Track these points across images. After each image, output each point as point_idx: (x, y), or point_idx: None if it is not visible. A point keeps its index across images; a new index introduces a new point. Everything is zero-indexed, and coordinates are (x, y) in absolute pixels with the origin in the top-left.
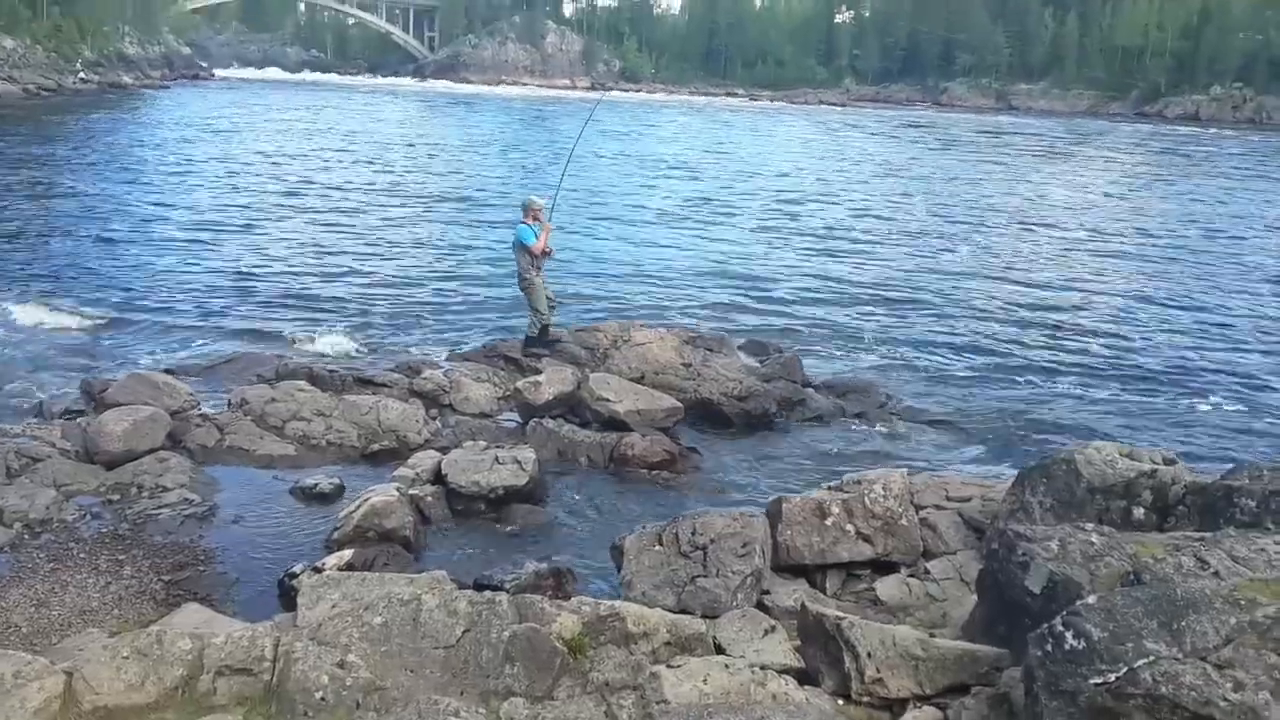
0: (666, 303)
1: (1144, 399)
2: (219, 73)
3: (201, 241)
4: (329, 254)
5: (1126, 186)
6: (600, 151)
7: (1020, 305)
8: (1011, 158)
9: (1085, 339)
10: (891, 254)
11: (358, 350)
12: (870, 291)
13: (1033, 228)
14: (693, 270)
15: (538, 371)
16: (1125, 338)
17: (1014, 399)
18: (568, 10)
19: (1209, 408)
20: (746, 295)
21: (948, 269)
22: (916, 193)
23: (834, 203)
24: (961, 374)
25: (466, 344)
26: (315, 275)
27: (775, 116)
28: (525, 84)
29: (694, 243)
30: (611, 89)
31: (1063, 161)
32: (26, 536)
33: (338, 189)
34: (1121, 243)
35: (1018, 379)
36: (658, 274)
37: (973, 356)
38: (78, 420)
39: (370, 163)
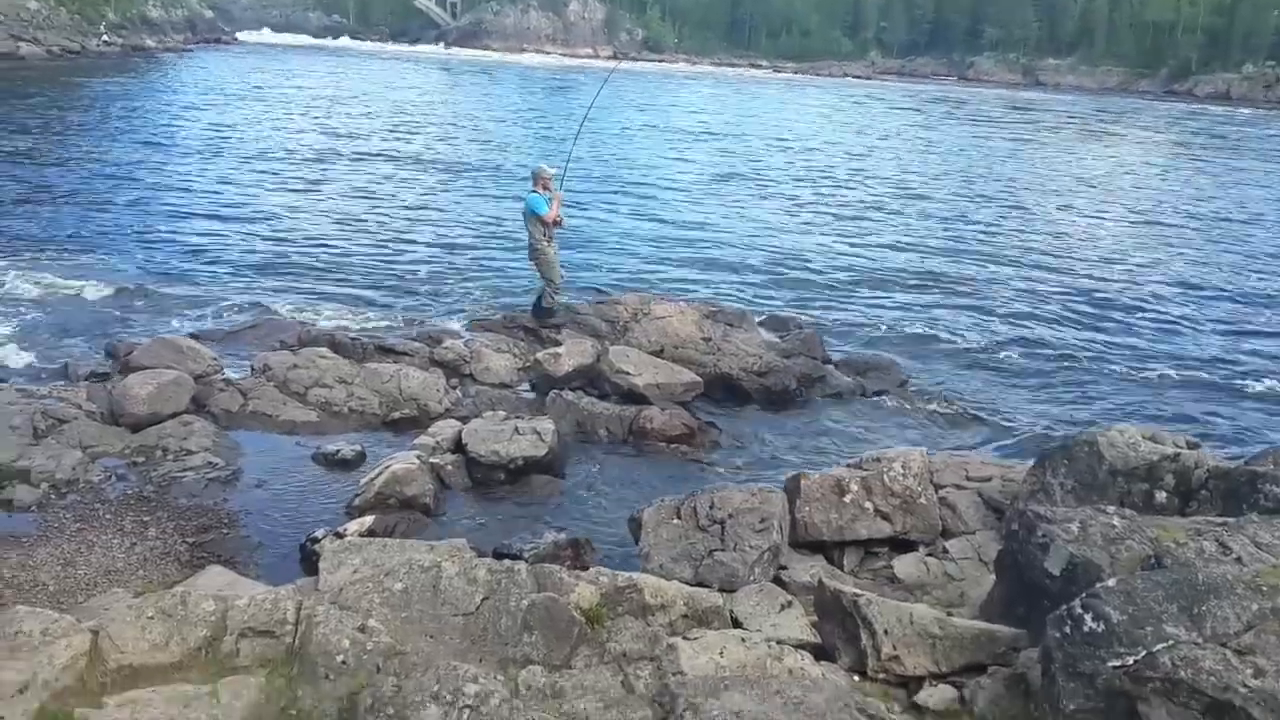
0: (687, 276)
1: (1175, 384)
2: (241, 36)
3: (226, 208)
4: (352, 222)
5: (1163, 167)
6: (623, 123)
7: (1048, 287)
8: (1043, 135)
9: (1115, 322)
10: (917, 231)
11: (379, 318)
12: (894, 269)
13: (1066, 208)
14: (715, 244)
15: (558, 343)
16: (1157, 322)
17: (1038, 380)
18: None
19: (1243, 393)
20: (768, 270)
21: (974, 248)
22: (946, 169)
23: (860, 178)
24: (985, 354)
25: (487, 314)
26: (338, 243)
27: (801, 89)
28: (547, 52)
29: (716, 216)
30: (634, 58)
31: (1097, 140)
32: (53, 496)
33: (360, 158)
34: (1158, 225)
35: (1042, 360)
36: (679, 247)
37: (997, 336)
38: (103, 383)
39: (392, 132)
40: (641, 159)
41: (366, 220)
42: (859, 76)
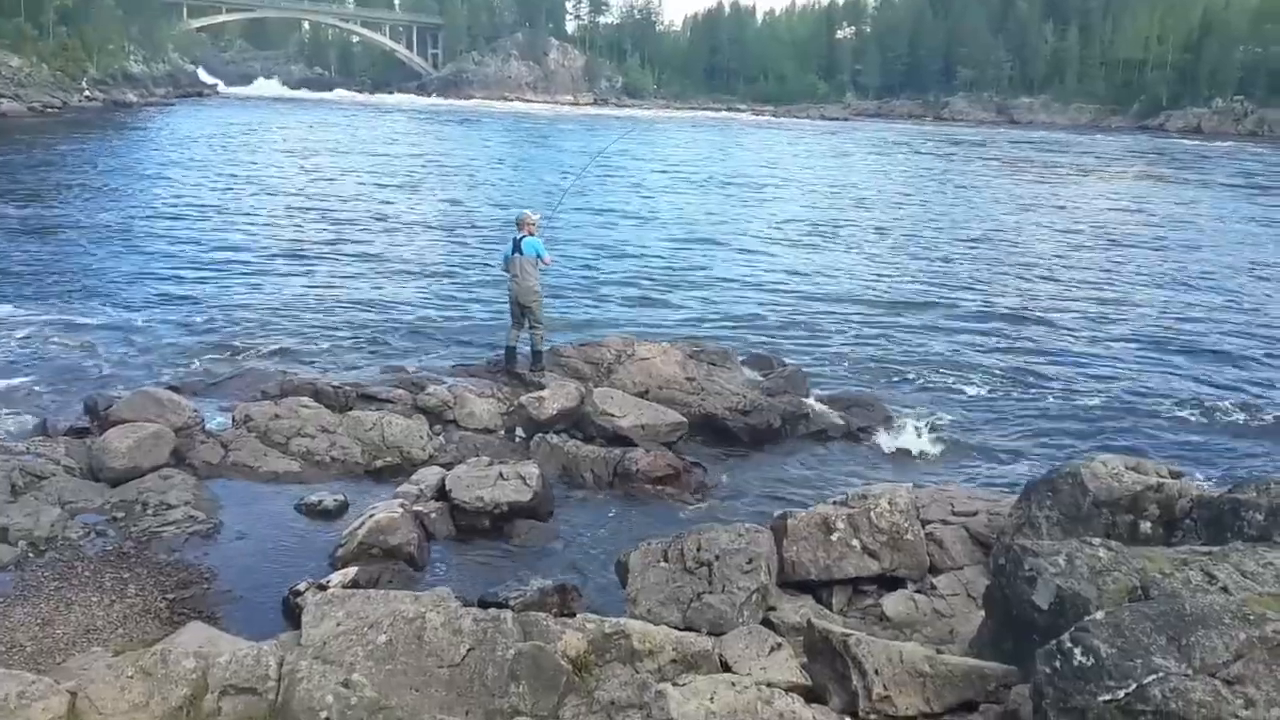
0: (670, 316)
1: (1157, 413)
2: (223, 90)
3: (206, 260)
4: (333, 272)
5: (1147, 200)
6: (606, 167)
7: (1031, 321)
8: (1023, 170)
9: (1097, 354)
10: (901, 268)
11: (362, 366)
12: (878, 305)
13: (1047, 243)
14: (697, 285)
15: (541, 387)
16: (1139, 353)
17: (1021, 413)
18: (570, 27)
19: (1225, 422)
20: (751, 310)
21: (958, 284)
22: (928, 205)
23: (840, 215)
24: (968, 388)
25: (470, 360)
26: (319, 292)
27: (779, 130)
28: (529, 100)
29: (698, 258)
30: (614, 104)
31: (1078, 175)
32: (31, 555)
33: (341, 208)
34: (1143, 259)
35: (1025, 393)
36: (662, 288)
37: (979, 371)
38: (83, 438)
39: (374, 182)
40: (626, 203)
41: (349, 271)
42: (835, 118)
